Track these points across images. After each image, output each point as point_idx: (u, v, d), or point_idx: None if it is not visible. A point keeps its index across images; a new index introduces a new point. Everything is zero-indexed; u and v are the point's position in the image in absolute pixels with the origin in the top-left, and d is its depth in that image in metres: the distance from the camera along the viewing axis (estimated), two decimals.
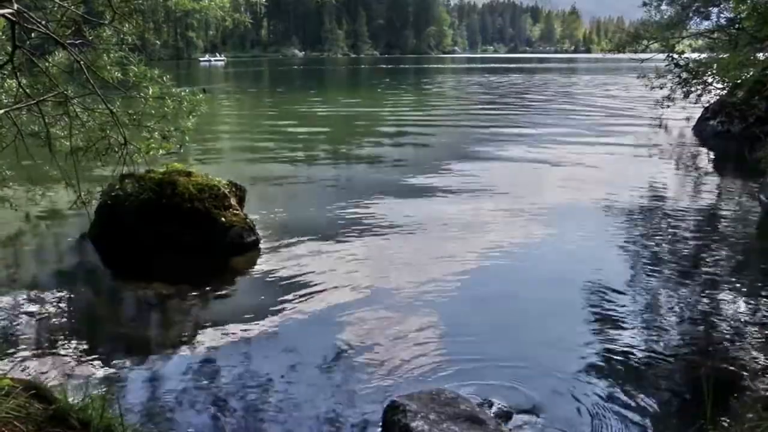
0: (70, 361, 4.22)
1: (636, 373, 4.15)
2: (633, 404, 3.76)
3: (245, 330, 4.77)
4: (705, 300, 5.37)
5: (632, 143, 14.51)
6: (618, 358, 4.33)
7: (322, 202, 8.71)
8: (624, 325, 4.84)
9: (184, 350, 4.46)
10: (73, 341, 4.54)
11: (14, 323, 4.83)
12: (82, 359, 4.26)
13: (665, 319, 4.98)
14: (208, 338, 4.62)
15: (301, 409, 3.71)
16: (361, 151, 14.03)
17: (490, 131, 16.59)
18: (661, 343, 4.56)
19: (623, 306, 5.20)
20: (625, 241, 7.05)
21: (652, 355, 4.40)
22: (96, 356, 4.31)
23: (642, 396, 3.85)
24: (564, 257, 6.52)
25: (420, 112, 23.02)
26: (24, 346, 4.43)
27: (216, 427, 3.52)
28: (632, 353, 4.41)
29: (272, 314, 5.04)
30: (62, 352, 4.36)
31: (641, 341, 4.59)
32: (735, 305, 5.26)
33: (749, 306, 5.21)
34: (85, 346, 4.46)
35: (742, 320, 4.95)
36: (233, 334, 4.70)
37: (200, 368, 4.16)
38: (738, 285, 5.71)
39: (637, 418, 3.64)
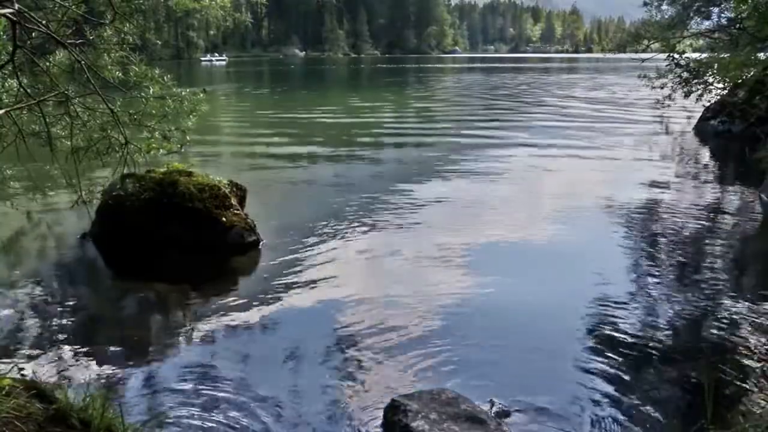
0: (70, 361, 4.22)
1: (636, 373, 4.15)
2: (633, 404, 3.76)
3: (245, 330, 4.77)
4: (706, 300, 5.37)
5: (633, 143, 14.49)
6: (619, 358, 4.33)
7: (322, 202, 8.71)
8: (624, 325, 4.83)
9: (185, 350, 4.46)
10: (73, 341, 4.54)
11: (14, 323, 4.83)
12: (83, 359, 4.26)
13: (666, 319, 4.98)
14: (208, 338, 4.63)
15: (302, 409, 3.70)
16: (362, 150, 14.03)
17: (491, 131, 16.57)
18: (662, 343, 4.56)
19: (623, 306, 5.20)
20: (625, 241, 7.05)
21: (653, 355, 4.39)
22: (96, 356, 4.30)
23: (642, 396, 3.85)
24: (565, 257, 6.51)
25: (421, 112, 23.02)
26: (24, 346, 4.43)
27: (216, 426, 3.52)
28: (633, 353, 4.40)
29: (273, 314, 5.05)
30: (62, 352, 4.36)
31: (642, 341, 4.59)
32: (736, 305, 5.25)
33: (750, 306, 5.20)
34: (86, 346, 4.45)
35: (743, 320, 4.94)
36: (234, 334, 4.71)
37: (201, 368, 4.16)
38: (739, 285, 5.71)
39: (637, 417, 3.63)
